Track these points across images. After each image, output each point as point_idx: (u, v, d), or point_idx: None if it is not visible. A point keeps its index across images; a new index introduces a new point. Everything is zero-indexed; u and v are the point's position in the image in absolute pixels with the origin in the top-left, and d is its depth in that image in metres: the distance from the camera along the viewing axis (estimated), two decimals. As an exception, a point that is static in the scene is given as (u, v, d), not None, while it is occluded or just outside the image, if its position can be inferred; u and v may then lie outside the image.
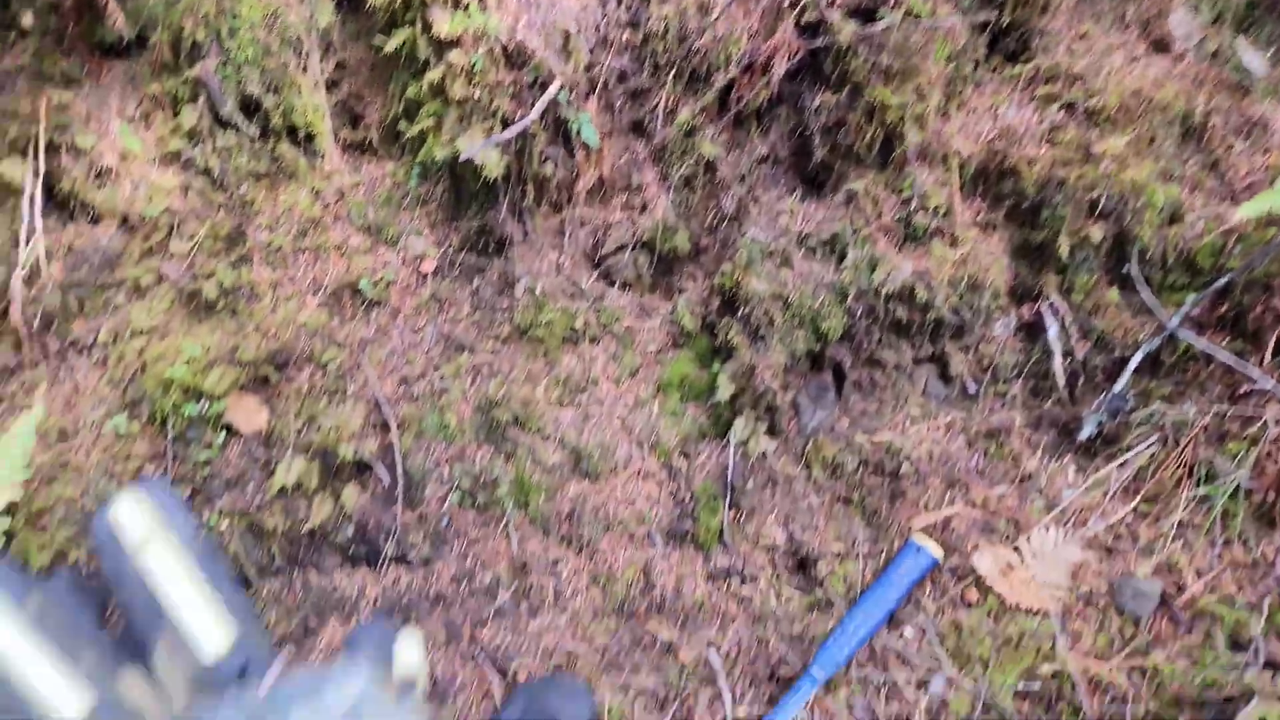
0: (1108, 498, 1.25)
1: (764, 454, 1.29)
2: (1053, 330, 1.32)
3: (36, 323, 1.16)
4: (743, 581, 1.27)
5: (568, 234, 1.35)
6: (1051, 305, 1.33)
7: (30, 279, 1.17)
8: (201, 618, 0.45)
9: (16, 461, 1.05)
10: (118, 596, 0.45)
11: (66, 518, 1.11)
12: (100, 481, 1.14)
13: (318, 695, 0.37)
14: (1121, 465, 1.26)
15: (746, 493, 1.29)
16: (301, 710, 0.37)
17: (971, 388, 1.32)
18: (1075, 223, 1.29)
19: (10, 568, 0.43)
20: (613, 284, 1.36)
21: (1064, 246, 1.30)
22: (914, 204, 1.31)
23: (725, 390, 1.28)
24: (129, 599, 0.44)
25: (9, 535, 1.11)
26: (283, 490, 1.18)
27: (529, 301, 1.32)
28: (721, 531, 1.29)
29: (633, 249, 1.34)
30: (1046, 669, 1.14)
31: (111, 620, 0.47)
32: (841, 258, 1.29)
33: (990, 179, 1.36)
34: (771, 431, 1.30)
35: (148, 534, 0.46)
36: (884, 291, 1.26)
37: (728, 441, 1.30)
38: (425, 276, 1.33)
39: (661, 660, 1.24)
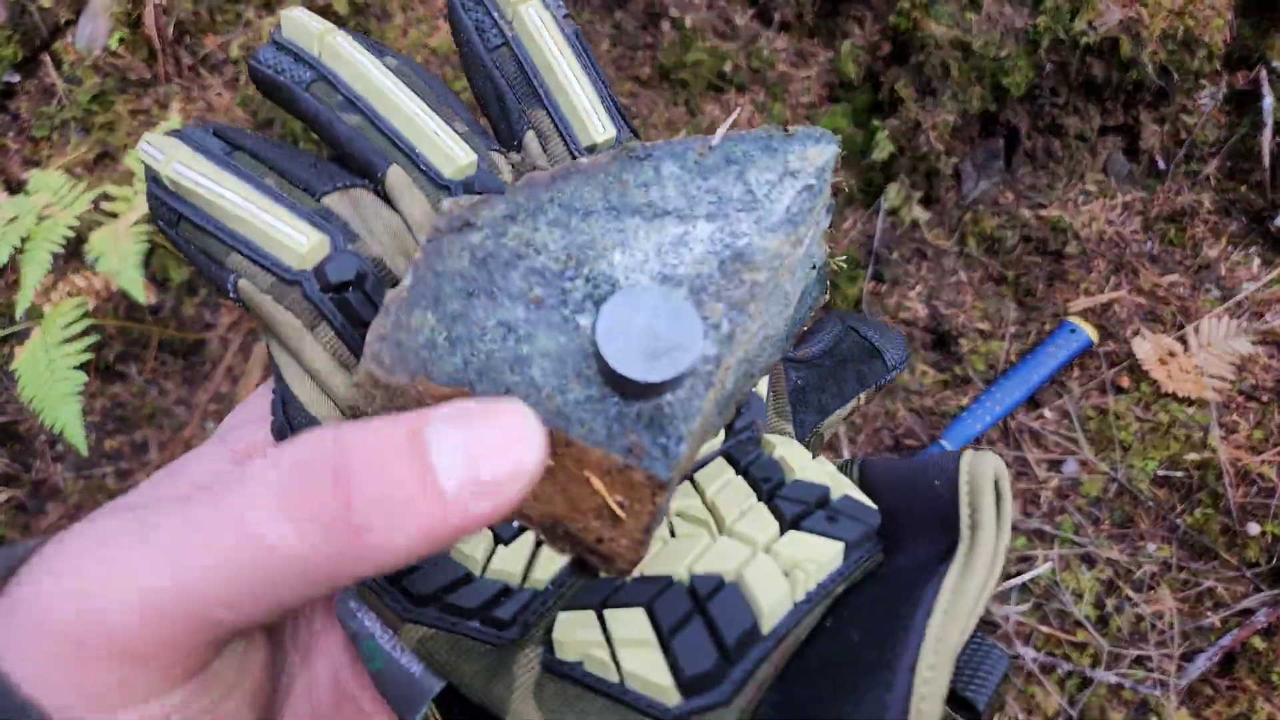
0: (1291, 293, 1.15)
1: (915, 223, 1.21)
2: (1268, 101, 1.16)
3: (169, 33, 1.10)
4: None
5: (722, -39, 1.20)
6: (1272, 71, 1.16)
7: (156, -15, 1.10)
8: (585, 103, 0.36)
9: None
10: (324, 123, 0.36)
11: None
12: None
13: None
14: (1316, 259, 1.14)
15: (891, 263, 1.22)
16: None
17: (1161, 164, 1.19)
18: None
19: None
20: (769, 23, 1.22)
21: (1304, 1, 1.11)
22: (1135, -62, 1.11)
23: (883, 150, 1.18)
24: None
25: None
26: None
27: (675, 39, 1.20)
28: (859, 302, 1.24)
29: (795, -19, 1.18)
30: (1192, 457, 1.11)
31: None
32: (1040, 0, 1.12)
33: (1231, -89, 1.13)
34: (927, 200, 1.21)
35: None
36: (1084, 41, 1.11)
37: (877, 208, 1.22)
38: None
39: (786, 423, 1.25)
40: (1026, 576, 1.11)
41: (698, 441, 0.29)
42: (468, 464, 0.21)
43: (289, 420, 0.32)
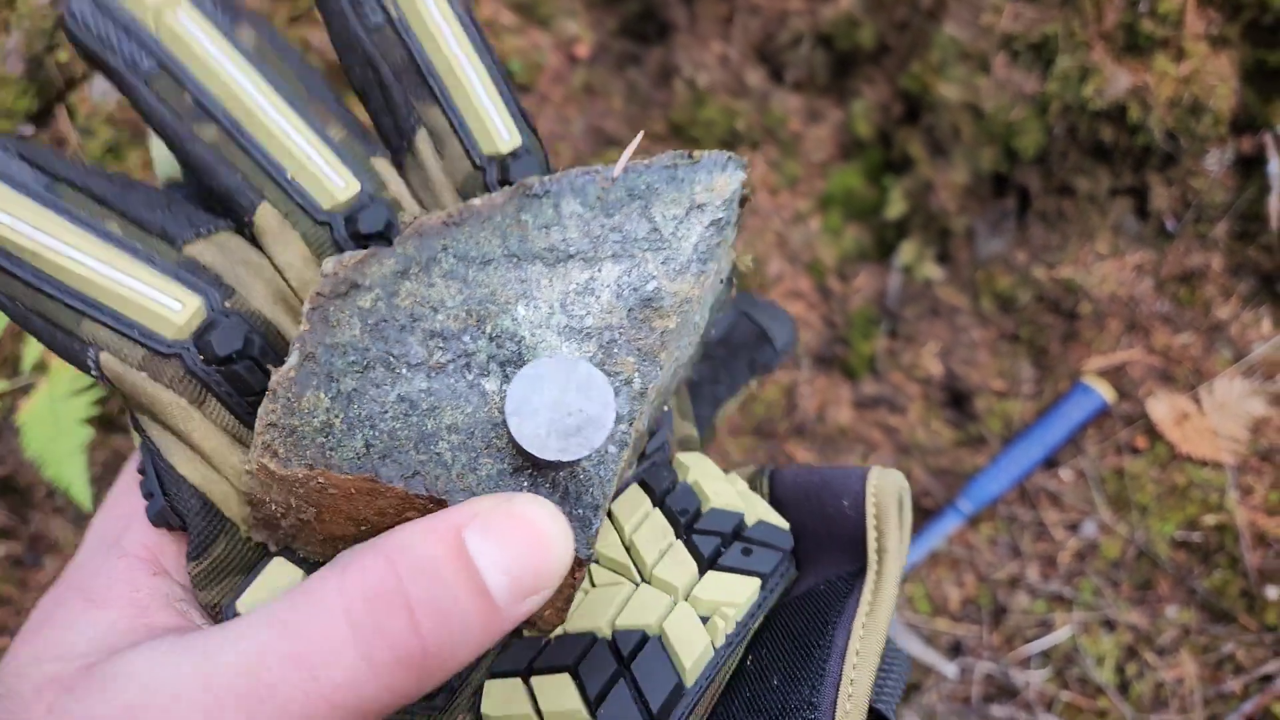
0: (1302, 354, 1.15)
1: (929, 281, 1.21)
2: (1274, 165, 1.17)
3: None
4: (891, 411, 1.23)
5: (737, 22, 1.22)
6: (1277, 136, 1.17)
7: None
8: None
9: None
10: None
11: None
12: None
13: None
14: (1326, 321, 1.15)
15: (905, 321, 1.22)
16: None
17: (1170, 225, 1.20)
18: (1329, 40, 1.11)
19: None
20: (781, 82, 1.24)
21: (1306, 69, 1.13)
22: (1141, 7, 1.14)
23: (896, 208, 1.19)
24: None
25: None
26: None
27: (688, 97, 1.22)
28: (874, 359, 1.24)
29: (809, 43, 1.20)
30: (1210, 520, 1.10)
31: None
32: (1049, 65, 1.14)
33: (1233, -18, 1.16)
34: (940, 258, 1.21)
35: None
36: (1091, 107, 1.12)
37: (890, 265, 1.22)
38: (577, 62, 1.23)
39: (799, 479, 1.23)
40: (1047, 643, 1.09)
41: (612, 498, 0.29)
42: (512, 574, 0.22)
43: (173, 507, 0.28)
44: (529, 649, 0.30)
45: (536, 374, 0.25)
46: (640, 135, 0.31)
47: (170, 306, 0.27)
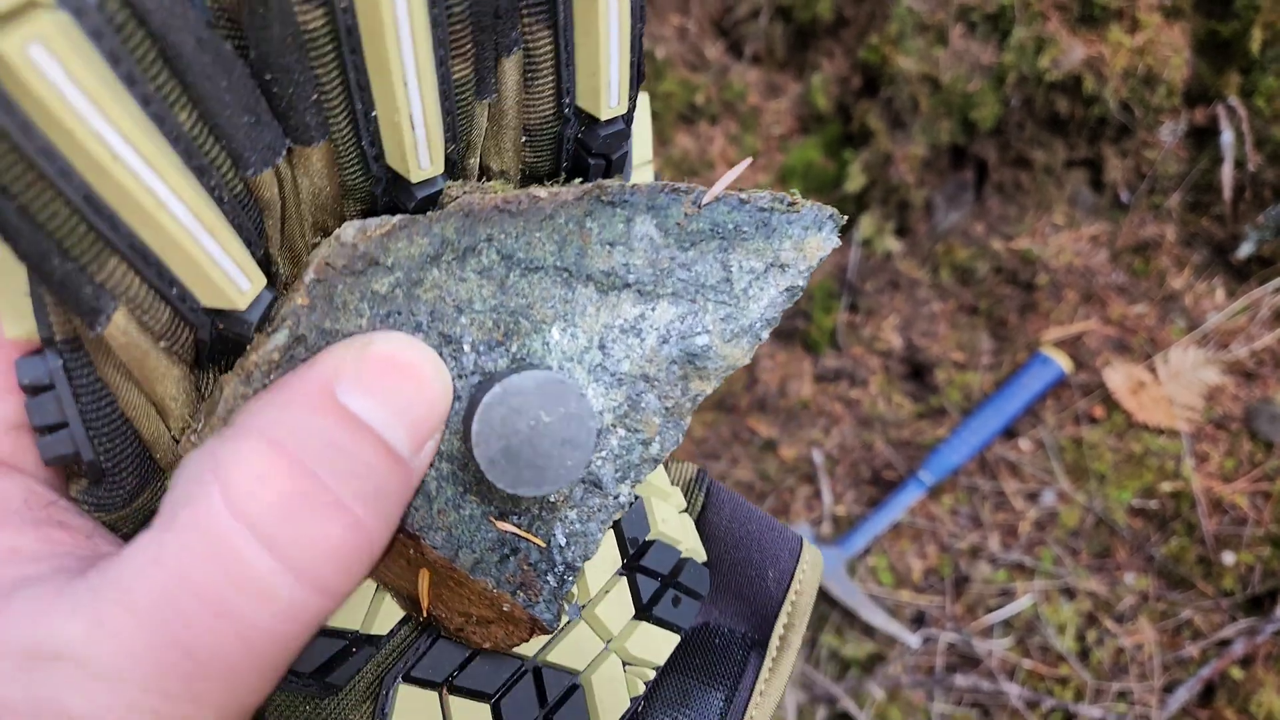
0: (1254, 321, 1.17)
1: (889, 254, 1.21)
2: (1226, 136, 1.19)
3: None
4: (852, 384, 1.23)
5: (694, -6, 1.20)
6: (1229, 108, 1.19)
7: None
8: None
9: None
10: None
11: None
12: None
13: None
14: (1277, 292, 1.17)
15: (865, 294, 1.22)
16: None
17: (1125, 197, 1.21)
18: (1273, 14, 1.12)
19: None
20: (740, 56, 1.23)
21: (1255, 41, 1.14)
22: (1095, -22, 1.14)
23: (855, 182, 1.18)
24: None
25: None
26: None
27: (647, 70, 1.20)
28: (834, 333, 1.23)
29: (767, 16, 1.19)
30: (1166, 487, 1.11)
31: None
32: (1005, 36, 1.14)
33: (1184, -45, 1.17)
34: (899, 231, 1.21)
35: None
36: (1047, 79, 1.13)
37: (850, 239, 1.22)
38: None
39: (761, 456, 1.23)
40: (1009, 612, 1.09)
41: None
42: (406, 422, 0.21)
43: (94, 449, 0.22)
44: (453, 656, 0.28)
45: (519, 388, 0.22)
46: (746, 162, 0.27)
47: (240, 286, 0.21)
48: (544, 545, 0.25)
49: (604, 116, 0.26)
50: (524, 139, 0.26)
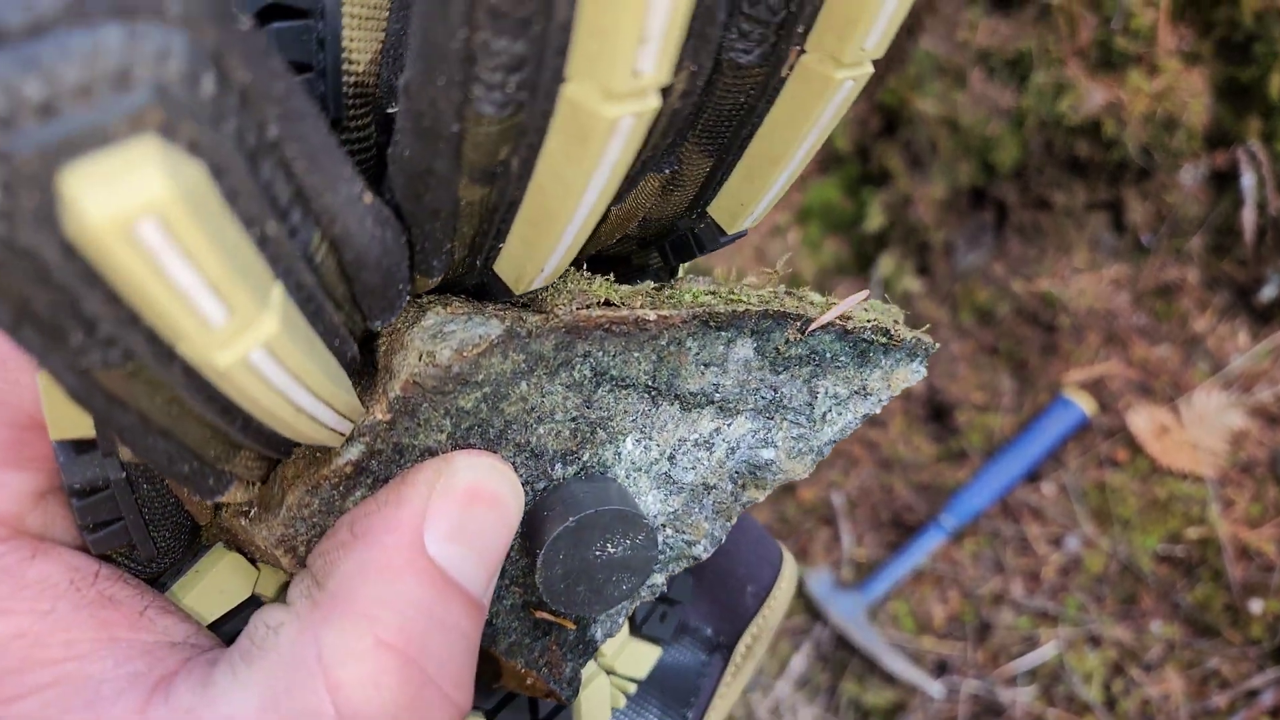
0: (1278, 364, 1.16)
1: (908, 294, 1.21)
2: (1247, 179, 1.18)
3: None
4: (872, 425, 1.22)
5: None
6: (1250, 152, 1.19)
7: None
8: None
9: None
10: None
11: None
12: None
13: None
14: (1300, 333, 1.16)
15: (884, 334, 1.22)
16: None
17: (1146, 239, 1.21)
18: (1296, 57, 1.13)
19: None
20: (760, 97, 1.24)
21: (1274, 87, 1.15)
22: (1115, 24, 1.15)
23: (874, 221, 1.18)
24: None
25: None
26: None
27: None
28: (853, 373, 1.23)
29: (787, 57, 1.20)
30: (1192, 533, 1.10)
31: None
32: (1024, 80, 1.15)
33: (1203, 3, 1.18)
34: (919, 271, 1.21)
35: None
36: (1067, 122, 1.13)
37: (869, 277, 1.22)
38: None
39: (779, 497, 1.22)
40: (1033, 660, 1.07)
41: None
42: (482, 561, 0.21)
43: (158, 536, 0.22)
44: None
45: (586, 526, 0.22)
46: (864, 295, 0.26)
47: (342, 432, 0.20)
48: (575, 627, 0.26)
49: (732, 231, 0.25)
50: (636, 224, 0.25)
